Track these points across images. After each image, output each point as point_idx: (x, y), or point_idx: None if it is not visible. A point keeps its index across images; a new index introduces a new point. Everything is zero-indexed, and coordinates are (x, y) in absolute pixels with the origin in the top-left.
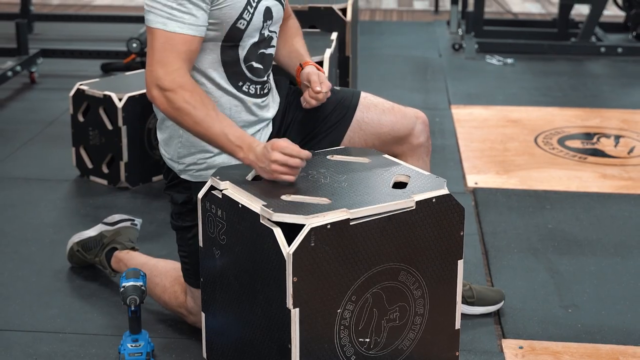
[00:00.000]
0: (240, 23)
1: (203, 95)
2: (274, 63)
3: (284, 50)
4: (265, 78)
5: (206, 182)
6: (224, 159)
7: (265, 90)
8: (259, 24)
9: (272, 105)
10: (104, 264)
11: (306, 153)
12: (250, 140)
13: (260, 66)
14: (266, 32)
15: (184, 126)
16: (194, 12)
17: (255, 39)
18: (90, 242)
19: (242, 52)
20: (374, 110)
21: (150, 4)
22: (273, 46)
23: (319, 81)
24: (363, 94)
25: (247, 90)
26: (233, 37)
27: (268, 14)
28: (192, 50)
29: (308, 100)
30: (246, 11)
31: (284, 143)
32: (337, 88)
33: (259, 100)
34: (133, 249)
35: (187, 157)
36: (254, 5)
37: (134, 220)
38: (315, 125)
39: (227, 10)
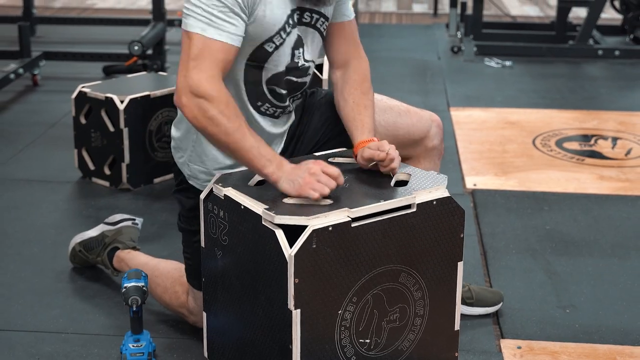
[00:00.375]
0: (269, 45)
1: (237, 108)
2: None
3: (347, 109)
4: (287, 103)
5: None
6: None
7: (285, 113)
8: (287, 54)
9: (286, 121)
10: (106, 264)
11: (342, 179)
12: (280, 158)
13: (284, 92)
14: (300, 62)
15: (212, 136)
16: (234, 21)
17: (282, 69)
18: (92, 242)
19: (266, 75)
20: (390, 113)
21: (190, 8)
22: (309, 74)
23: (383, 152)
24: (378, 96)
25: (264, 110)
26: (258, 57)
27: (298, 42)
28: (228, 60)
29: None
30: (278, 36)
31: (325, 164)
32: None
33: (274, 120)
34: (134, 248)
35: (196, 165)
36: (287, 31)
37: (135, 219)
38: (328, 128)
39: (260, 30)
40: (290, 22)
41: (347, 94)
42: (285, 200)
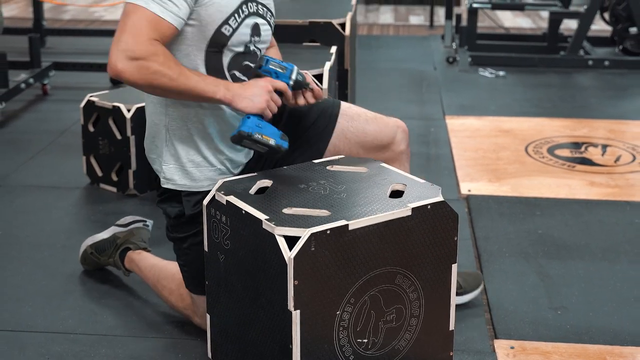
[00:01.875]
0: (225, 29)
1: (172, 57)
2: None
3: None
4: None
5: (192, 191)
6: (206, 174)
7: None
8: (245, 37)
9: None
10: (118, 264)
11: (290, 93)
12: (224, 81)
13: (244, 78)
14: (252, 47)
15: (159, 88)
16: (178, 2)
17: (241, 49)
18: (104, 244)
19: (226, 60)
20: (358, 120)
21: None
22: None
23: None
24: (345, 104)
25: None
26: (217, 42)
27: (256, 30)
28: (165, 36)
29: (307, 99)
30: (232, 18)
31: (272, 80)
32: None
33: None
34: (145, 249)
35: (170, 164)
36: (242, 16)
37: (145, 221)
38: (298, 135)
39: (212, 11)
40: (245, 8)
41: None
42: (285, 210)
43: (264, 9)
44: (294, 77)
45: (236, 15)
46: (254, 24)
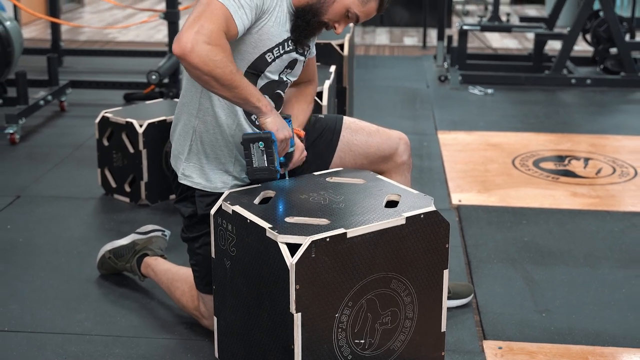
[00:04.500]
0: (269, 56)
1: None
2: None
3: (290, 106)
4: None
5: (205, 192)
6: (220, 177)
7: None
8: (281, 67)
9: None
10: (135, 269)
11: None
12: (269, 100)
13: (273, 103)
14: (284, 77)
15: (215, 79)
16: (247, 11)
17: (275, 78)
18: (123, 250)
19: (261, 83)
20: (362, 133)
21: None
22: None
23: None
24: (349, 119)
25: (254, 119)
26: (258, 65)
27: (292, 64)
28: (231, 35)
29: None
30: (277, 49)
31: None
32: (322, 115)
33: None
34: (162, 256)
35: (192, 163)
36: (285, 49)
37: (164, 231)
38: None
39: (263, 36)
40: (289, 44)
41: (297, 93)
42: (287, 219)
43: (306, 47)
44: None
45: (280, 47)
46: (293, 59)
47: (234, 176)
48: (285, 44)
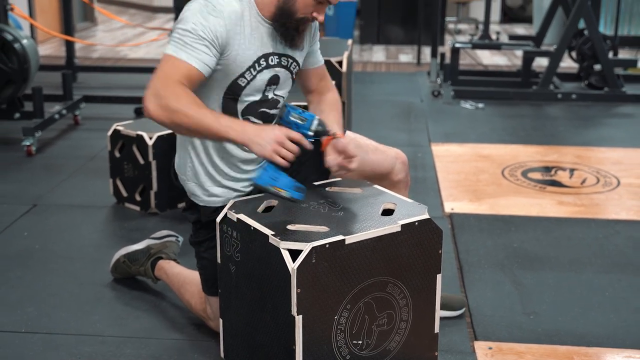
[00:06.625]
0: (241, 80)
1: (195, 97)
2: None
3: (323, 108)
4: None
5: (210, 206)
6: (219, 191)
7: None
8: (261, 86)
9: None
10: (148, 272)
11: (307, 143)
12: (241, 122)
13: (259, 122)
14: (270, 95)
15: (178, 125)
16: (206, 50)
17: (257, 98)
18: (137, 254)
19: (241, 106)
20: (359, 151)
21: (172, 37)
22: (278, 107)
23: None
24: (352, 134)
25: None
26: (233, 91)
27: (274, 80)
28: (192, 81)
29: (342, 167)
30: (248, 72)
31: (288, 130)
32: None
33: (247, 156)
34: (175, 260)
35: (192, 182)
36: (257, 69)
37: (178, 237)
38: (303, 166)
39: (232, 64)
40: (262, 62)
41: (324, 104)
42: (289, 227)
43: (288, 60)
44: (313, 127)
45: (252, 69)
46: (272, 75)
47: (234, 189)
48: (257, 64)
